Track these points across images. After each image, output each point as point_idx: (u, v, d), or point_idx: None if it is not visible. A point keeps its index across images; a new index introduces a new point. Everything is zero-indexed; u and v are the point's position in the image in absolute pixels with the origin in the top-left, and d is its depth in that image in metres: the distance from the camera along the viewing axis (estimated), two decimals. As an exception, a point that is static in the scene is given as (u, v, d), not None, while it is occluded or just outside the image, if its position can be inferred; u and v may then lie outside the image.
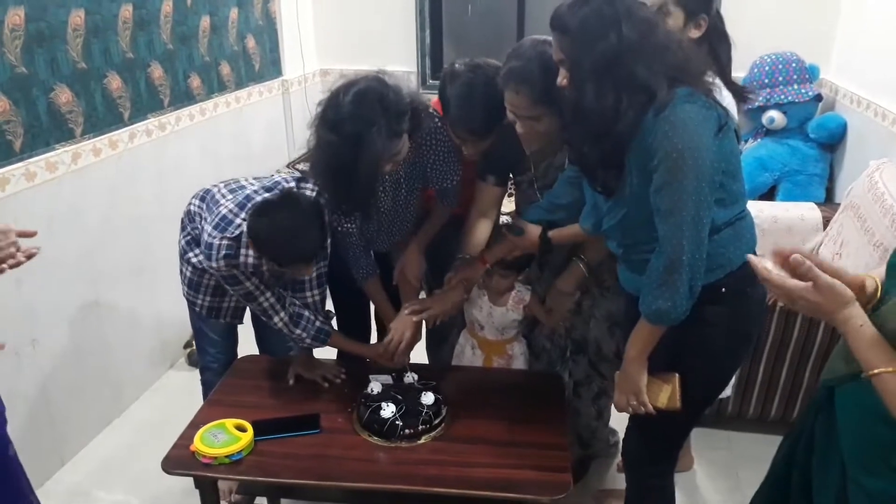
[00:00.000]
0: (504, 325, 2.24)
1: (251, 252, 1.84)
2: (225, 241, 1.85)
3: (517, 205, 2.25)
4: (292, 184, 1.97)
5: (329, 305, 2.45)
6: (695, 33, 1.87)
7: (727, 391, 2.24)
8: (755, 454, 2.48)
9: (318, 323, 2.05)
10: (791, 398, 2.55)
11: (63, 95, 2.41)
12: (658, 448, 1.77)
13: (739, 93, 1.89)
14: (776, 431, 2.54)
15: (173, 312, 2.91)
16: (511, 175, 2.12)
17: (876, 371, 1.05)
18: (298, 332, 2.02)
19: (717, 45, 1.94)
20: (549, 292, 2.15)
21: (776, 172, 3.67)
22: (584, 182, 1.67)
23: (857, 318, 1.08)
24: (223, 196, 1.99)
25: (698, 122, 1.37)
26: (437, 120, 1.99)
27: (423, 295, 2.43)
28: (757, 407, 2.59)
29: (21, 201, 2.26)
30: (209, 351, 2.29)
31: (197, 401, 2.18)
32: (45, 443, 2.47)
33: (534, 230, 2.00)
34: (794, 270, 1.12)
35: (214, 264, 1.86)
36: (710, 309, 1.52)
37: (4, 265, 1.49)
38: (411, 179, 2.08)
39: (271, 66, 3.86)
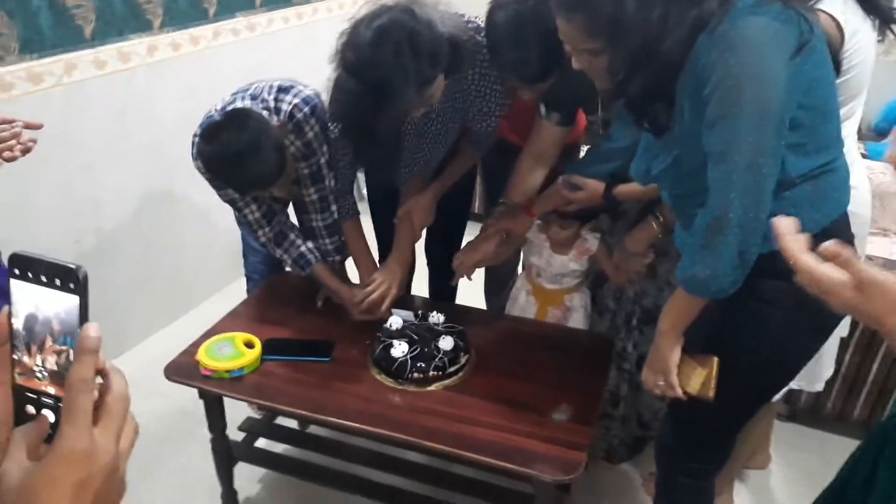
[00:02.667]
0: (563, 275, 1.99)
1: None
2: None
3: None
4: (273, 95, 1.74)
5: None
6: None
7: (816, 385, 1.87)
8: (849, 464, 2.11)
9: (302, 248, 1.88)
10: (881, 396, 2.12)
11: (141, -17, 2.36)
12: (694, 441, 1.47)
13: (882, 13, 1.45)
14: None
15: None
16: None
17: None
18: (280, 252, 1.88)
19: None
20: (617, 249, 1.86)
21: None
22: None
23: None
24: (224, 99, 1.83)
25: (766, 40, 1.04)
26: (485, 50, 1.64)
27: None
28: (864, 409, 2.18)
29: (90, 88, 2.26)
30: (250, 260, 2.22)
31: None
32: (106, 329, 2.50)
33: (596, 185, 1.71)
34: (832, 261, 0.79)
35: (194, 163, 1.74)
36: (769, 283, 1.20)
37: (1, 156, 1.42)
38: (445, 116, 1.77)
39: (383, -25, 3.65)
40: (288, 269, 2.19)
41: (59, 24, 2.13)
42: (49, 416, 0.50)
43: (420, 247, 2.23)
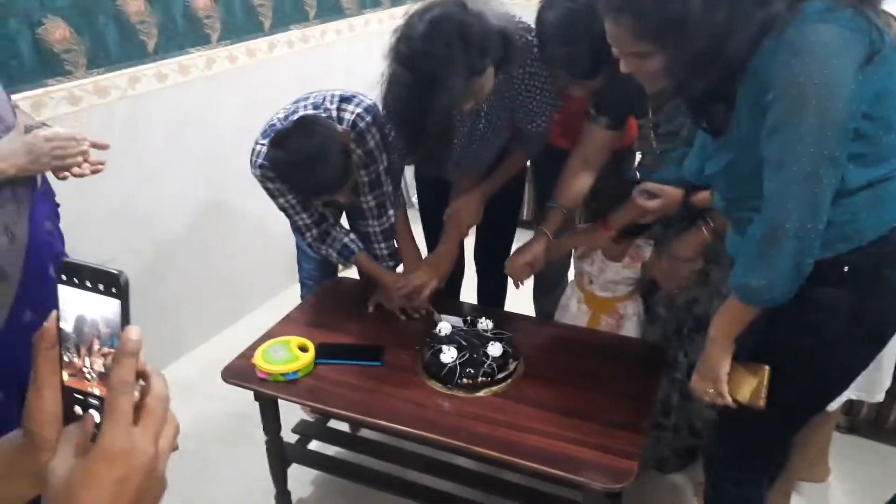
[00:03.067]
0: (616, 282, 1.98)
1: None
2: (265, 148, 1.74)
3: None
4: (335, 104, 1.79)
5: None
6: None
7: (877, 396, 1.81)
8: (914, 478, 2.04)
9: (345, 239, 1.94)
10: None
11: (201, 0, 2.44)
12: (742, 450, 1.45)
13: None
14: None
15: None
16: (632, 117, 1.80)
17: None
18: (324, 248, 1.93)
19: None
20: (666, 255, 1.84)
21: None
22: None
23: None
24: (285, 107, 1.89)
25: (834, 49, 1.02)
26: (536, 48, 1.67)
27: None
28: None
29: (152, 100, 2.35)
30: (304, 267, 2.27)
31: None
32: (164, 334, 2.63)
33: (673, 192, 1.67)
34: None
35: (252, 171, 1.78)
36: (823, 291, 1.19)
37: (68, 172, 1.49)
38: (494, 114, 1.80)
39: (433, -16, 3.69)
40: (335, 264, 2.24)
41: (125, 39, 2.22)
42: (95, 416, 0.52)
43: (469, 254, 2.25)
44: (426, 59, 1.48)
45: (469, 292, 2.37)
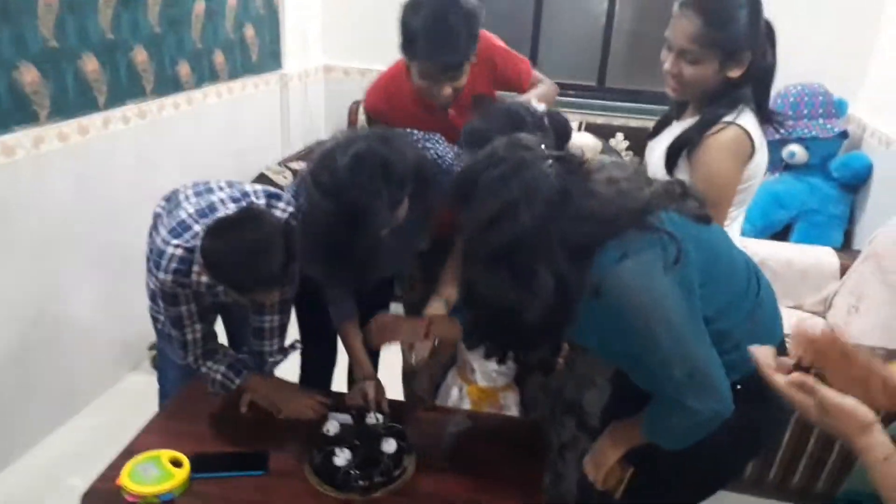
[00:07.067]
0: (499, 371, 2.01)
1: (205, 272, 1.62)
2: (179, 251, 1.62)
3: None
4: (263, 200, 1.74)
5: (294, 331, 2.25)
6: (735, 72, 1.62)
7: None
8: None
9: (223, 368, 1.81)
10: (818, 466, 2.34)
11: (28, 75, 2.22)
12: None
13: (770, 120, 1.71)
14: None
15: (139, 311, 2.70)
16: None
17: None
18: (209, 363, 1.81)
19: (758, 82, 1.67)
20: None
21: (793, 210, 3.46)
22: None
23: (879, 449, 0.86)
24: (186, 198, 1.76)
25: (640, 275, 1.16)
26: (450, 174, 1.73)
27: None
28: (803, 478, 2.36)
29: (-29, 185, 2.08)
30: (169, 376, 2.07)
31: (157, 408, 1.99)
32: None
33: None
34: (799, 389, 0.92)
35: (161, 275, 1.63)
36: None
37: None
38: (410, 228, 1.78)
39: (270, 59, 3.66)
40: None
41: (-63, 118, 1.96)
42: None
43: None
44: (351, 191, 1.46)
45: (340, 381, 2.32)
